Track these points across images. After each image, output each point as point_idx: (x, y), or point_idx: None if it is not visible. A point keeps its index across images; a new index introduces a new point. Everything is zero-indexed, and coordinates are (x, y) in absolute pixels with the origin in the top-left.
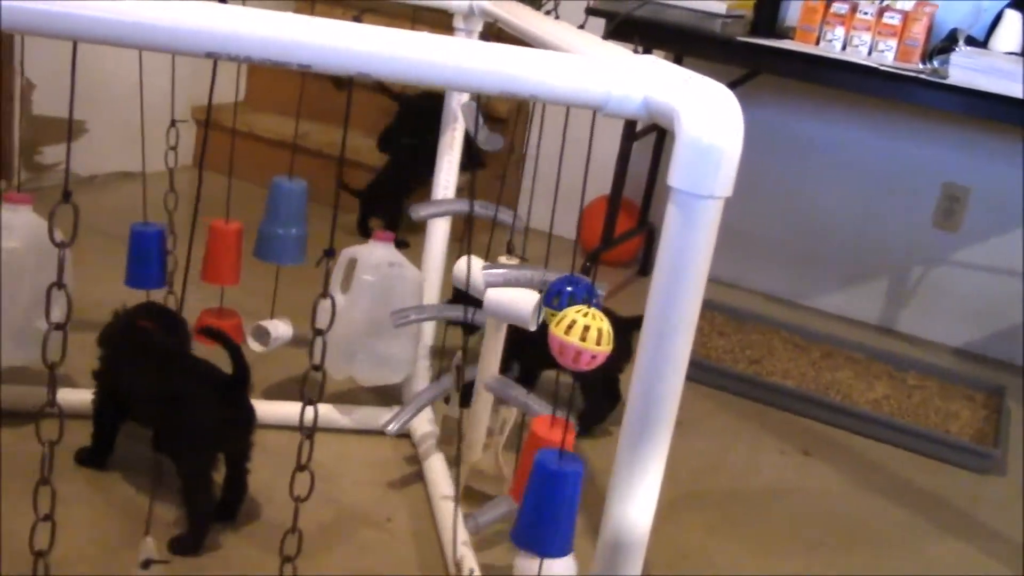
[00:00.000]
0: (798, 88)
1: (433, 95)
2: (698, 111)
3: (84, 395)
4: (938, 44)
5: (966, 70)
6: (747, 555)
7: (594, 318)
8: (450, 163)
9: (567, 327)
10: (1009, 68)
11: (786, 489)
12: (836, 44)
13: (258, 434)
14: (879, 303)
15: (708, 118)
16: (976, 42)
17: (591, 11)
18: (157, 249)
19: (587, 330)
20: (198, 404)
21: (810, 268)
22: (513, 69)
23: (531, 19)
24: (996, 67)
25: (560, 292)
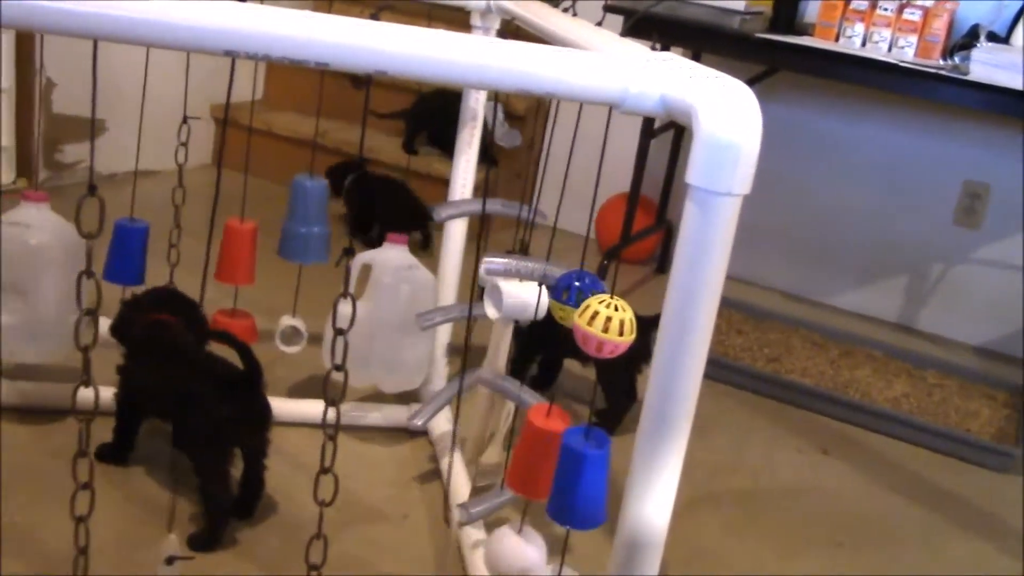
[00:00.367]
0: (817, 85)
1: None
2: (716, 108)
3: (104, 392)
4: (959, 40)
5: (987, 66)
6: (765, 554)
7: (617, 308)
8: (467, 162)
9: (590, 317)
10: None
11: (804, 488)
12: (856, 40)
13: (276, 432)
14: (898, 301)
15: (726, 115)
16: (997, 38)
17: (609, 8)
18: (140, 246)
19: (609, 320)
20: (210, 401)
21: (829, 266)
22: (529, 67)
23: (548, 16)
24: (1018, 63)
25: (569, 287)
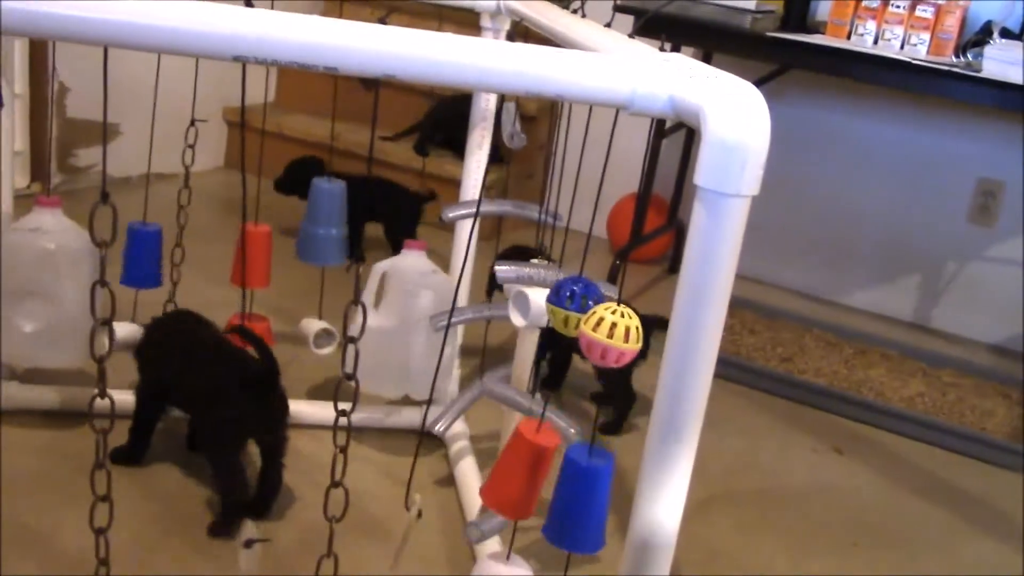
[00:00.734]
0: (829, 83)
1: None
2: (724, 109)
3: (119, 396)
4: (972, 37)
5: (1001, 63)
6: (779, 554)
7: (623, 316)
8: (478, 163)
9: (595, 324)
10: None
11: (818, 488)
12: (868, 38)
13: (291, 434)
14: (913, 300)
15: (734, 116)
16: (1011, 34)
17: (618, 8)
18: (154, 248)
19: (614, 327)
20: (224, 394)
21: (842, 264)
22: (537, 69)
23: (558, 17)
24: None
25: (572, 294)
